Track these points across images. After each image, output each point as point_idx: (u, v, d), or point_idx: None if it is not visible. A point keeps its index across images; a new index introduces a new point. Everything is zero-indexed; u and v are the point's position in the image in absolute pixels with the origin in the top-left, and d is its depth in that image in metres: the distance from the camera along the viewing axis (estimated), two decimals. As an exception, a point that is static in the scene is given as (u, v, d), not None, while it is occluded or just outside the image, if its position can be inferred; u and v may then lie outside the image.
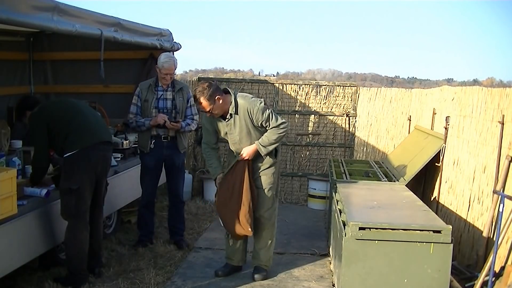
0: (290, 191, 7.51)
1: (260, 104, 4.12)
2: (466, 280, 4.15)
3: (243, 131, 4.15)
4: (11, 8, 3.34)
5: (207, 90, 4.00)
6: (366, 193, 4.52)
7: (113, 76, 6.00)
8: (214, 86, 4.06)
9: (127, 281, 4.20)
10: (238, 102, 4.11)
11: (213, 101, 4.01)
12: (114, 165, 4.86)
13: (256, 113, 4.09)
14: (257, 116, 4.10)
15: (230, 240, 4.45)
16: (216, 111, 4.08)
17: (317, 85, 7.51)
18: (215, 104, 4.03)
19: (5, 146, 4.26)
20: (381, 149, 7.38)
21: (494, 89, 4.62)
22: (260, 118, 4.10)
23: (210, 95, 3.99)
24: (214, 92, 4.02)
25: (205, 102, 4.01)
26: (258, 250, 4.42)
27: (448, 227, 3.45)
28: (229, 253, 4.51)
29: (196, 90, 4.08)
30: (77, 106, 4.17)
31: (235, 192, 4.14)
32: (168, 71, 4.82)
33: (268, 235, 4.40)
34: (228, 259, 4.53)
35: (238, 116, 4.11)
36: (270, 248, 4.44)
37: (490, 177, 4.35)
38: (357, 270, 3.51)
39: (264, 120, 4.11)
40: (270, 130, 4.13)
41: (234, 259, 4.49)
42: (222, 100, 4.06)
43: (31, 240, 3.71)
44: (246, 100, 4.14)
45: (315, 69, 59.90)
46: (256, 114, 4.09)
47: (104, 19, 4.58)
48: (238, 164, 4.18)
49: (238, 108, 4.10)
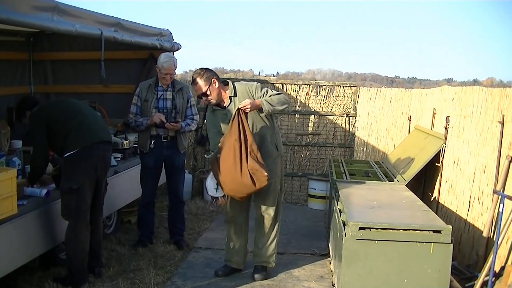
0: (290, 191, 7.51)
1: (256, 83, 4.26)
2: (466, 280, 4.15)
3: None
4: (11, 8, 3.34)
5: (203, 72, 4.14)
6: (366, 193, 4.52)
7: (113, 76, 5.99)
8: (211, 71, 4.18)
9: (127, 281, 4.20)
10: (235, 86, 4.21)
11: (208, 82, 4.09)
12: (114, 165, 4.86)
13: (255, 90, 4.18)
14: (256, 92, 4.16)
15: (231, 242, 4.44)
16: (212, 95, 4.12)
17: (317, 85, 7.51)
18: (211, 86, 4.10)
19: (5, 146, 4.26)
20: (381, 149, 7.38)
21: (494, 89, 4.62)
22: (260, 93, 4.15)
23: (206, 77, 4.10)
24: (211, 75, 4.14)
25: (201, 82, 4.09)
26: (261, 246, 4.40)
27: (448, 227, 3.44)
28: (229, 255, 4.49)
29: (194, 72, 4.18)
30: (77, 106, 4.18)
31: (241, 146, 3.92)
32: (168, 71, 4.82)
33: (271, 232, 4.38)
34: (227, 261, 4.51)
35: (238, 98, 4.16)
36: (273, 245, 4.40)
37: (490, 177, 4.35)
38: (357, 270, 3.51)
39: (264, 94, 4.15)
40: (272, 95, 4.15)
41: (234, 262, 4.47)
42: (217, 84, 4.13)
43: (31, 240, 3.71)
44: (243, 84, 4.28)
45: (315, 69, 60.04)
46: (255, 91, 4.18)
47: (104, 19, 4.58)
48: (235, 119, 3.97)
49: (237, 90, 4.19)
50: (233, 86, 4.21)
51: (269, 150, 4.23)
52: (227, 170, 3.94)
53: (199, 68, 4.20)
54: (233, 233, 4.41)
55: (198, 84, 4.10)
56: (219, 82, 4.17)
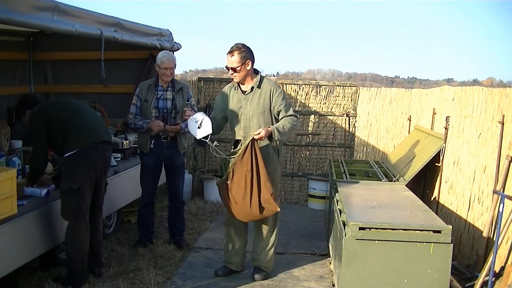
0: (290, 191, 7.51)
1: (281, 90, 4.26)
2: (466, 280, 4.15)
3: (259, 107, 4.17)
4: (11, 8, 3.34)
5: (244, 50, 4.12)
6: (366, 193, 4.51)
7: (113, 76, 5.99)
8: (251, 52, 4.15)
9: (127, 281, 4.20)
10: (263, 79, 4.23)
11: (243, 61, 4.10)
12: (114, 165, 4.86)
13: (278, 96, 4.18)
14: (277, 99, 4.17)
15: (229, 244, 4.44)
16: (240, 74, 4.13)
17: (317, 85, 7.51)
18: (243, 66, 4.11)
19: (5, 146, 4.25)
20: (381, 149, 7.38)
21: (494, 89, 4.62)
22: (279, 103, 4.17)
23: (243, 56, 4.10)
24: (249, 56, 4.14)
25: (237, 57, 4.09)
26: (259, 251, 4.40)
27: (448, 227, 3.44)
28: (228, 257, 4.48)
29: (236, 43, 4.14)
30: (77, 105, 4.17)
31: (253, 176, 3.97)
32: (168, 65, 4.81)
33: (270, 237, 4.37)
34: (226, 263, 4.50)
35: (260, 90, 4.18)
36: (271, 250, 4.40)
37: (490, 177, 4.35)
38: (357, 270, 3.51)
39: (281, 105, 4.17)
40: (285, 118, 4.16)
41: (233, 263, 4.47)
42: (249, 67, 4.15)
43: (31, 240, 3.71)
44: (270, 82, 4.28)
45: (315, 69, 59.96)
46: (277, 97, 4.18)
47: (104, 19, 4.58)
48: (248, 148, 4.00)
49: (262, 83, 4.20)
50: (261, 78, 4.23)
51: (270, 155, 4.22)
52: (237, 199, 4.04)
53: (242, 44, 4.15)
54: (231, 235, 4.41)
55: (233, 57, 4.10)
56: (251, 66, 4.17)
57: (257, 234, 4.40)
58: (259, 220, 4.28)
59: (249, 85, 4.21)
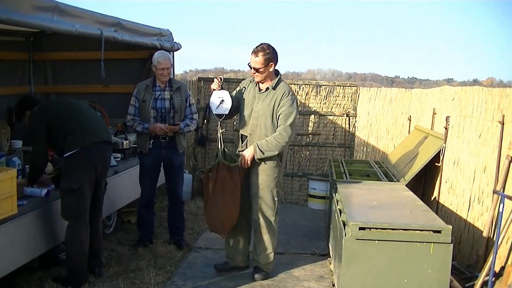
0: (290, 191, 7.51)
1: (294, 99, 4.20)
2: (466, 280, 4.14)
3: (269, 109, 4.16)
4: (11, 8, 3.34)
5: (269, 51, 4.12)
6: (366, 193, 4.51)
7: (113, 76, 5.99)
8: (276, 54, 4.16)
9: (127, 281, 4.20)
10: (281, 83, 4.22)
11: (267, 63, 4.11)
12: (114, 165, 4.86)
13: (286, 101, 4.14)
14: (283, 103, 4.13)
15: (230, 239, 4.45)
16: (262, 75, 4.15)
17: (317, 85, 7.51)
18: (266, 68, 4.12)
19: (5, 146, 4.26)
20: (381, 149, 7.38)
21: (494, 89, 4.62)
22: (284, 108, 4.13)
23: (268, 58, 4.11)
24: (273, 58, 4.13)
25: (261, 59, 4.10)
26: (259, 253, 4.40)
27: (448, 227, 3.44)
28: (229, 253, 4.51)
29: (262, 44, 4.15)
30: (77, 105, 4.17)
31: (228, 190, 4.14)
32: (164, 65, 4.80)
33: (267, 240, 4.35)
34: (227, 258, 4.53)
35: (274, 92, 4.17)
36: (269, 252, 4.38)
37: (490, 177, 4.35)
38: (357, 270, 3.51)
39: (283, 112, 4.12)
40: (276, 131, 4.12)
41: (235, 260, 4.49)
42: (271, 69, 4.16)
43: (31, 240, 3.71)
44: (286, 87, 4.23)
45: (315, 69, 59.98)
46: (285, 102, 4.14)
47: (104, 19, 4.58)
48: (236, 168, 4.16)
49: (278, 86, 4.18)
50: (278, 80, 4.20)
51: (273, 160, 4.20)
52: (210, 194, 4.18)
53: (268, 45, 4.15)
54: (232, 231, 4.41)
55: (257, 58, 4.10)
56: (273, 68, 4.18)
57: (255, 236, 4.40)
58: (257, 220, 4.30)
59: (266, 85, 4.21)
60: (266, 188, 4.24)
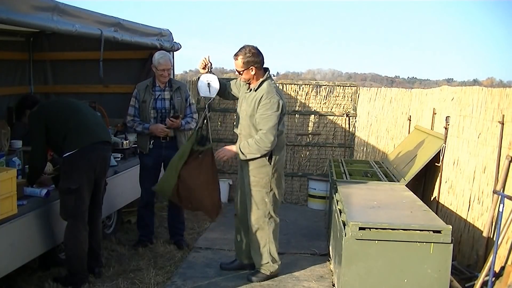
0: (290, 191, 7.51)
1: (273, 101, 4.01)
2: (466, 280, 4.15)
3: (249, 110, 4.12)
4: (11, 8, 3.34)
5: (249, 55, 4.06)
6: (366, 193, 4.52)
7: (113, 76, 5.99)
8: (258, 57, 4.08)
9: (127, 281, 4.20)
10: (263, 84, 4.13)
11: (246, 67, 4.07)
12: (114, 165, 4.86)
13: (264, 104, 4.02)
14: (261, 106, 4.03)
15: (238, 235, 4.50)
16: (245, 77, 4.15)
17: (317, 85, 7.51)
18: (247, 71, 4.09)
19: (5, 146, 4.26)
20: (381, 149, 7.38)
21: (494, 89, 4.63)
22: (261, 111, 4.02)
23: (247, 61, 4.06)
24: (253, 62, 4.06)
25: (240, 62, 4.07)
26: (252, 253, 4.40)
27: (448, 227, 3.45)
28: (236, 248, 4.56)
29: (244, 46, 4.11)
30: (76, 105, 4.17)
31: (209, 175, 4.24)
32: (165, 66, 4.80)
33: (256, 240, 4.28)
34: (236, 255, 4.58)
35: (255, 94, 4.12)
36: (264, 254, 4.29)
37: (490, 177, 4.35)
38: (357, 270, 3.51)
39: (261, 114, 4.02)
40: (257, 135, 4.06)
41: (241, 257, 4.53)
42: (254, 71, 4.09)
43: (31, 240, 3.71)
44: (268, 89, 4.08)
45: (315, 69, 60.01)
46: (263, 105, 4.03)
47: (104, 19, 4.58)
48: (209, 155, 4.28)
49: (260, 88, 4.12)
50: (261, 82, 4.11)
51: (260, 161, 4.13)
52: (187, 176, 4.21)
53: (250, 48, 4.07)
54: (239, 227, 4.47)
55: (237, 61, 4.10)
56: (256, 70, 4.09)
57: (249, 234, 4.33)
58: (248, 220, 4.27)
59: (252, 86, 4.20)
60: (255, 188, 4.19)
